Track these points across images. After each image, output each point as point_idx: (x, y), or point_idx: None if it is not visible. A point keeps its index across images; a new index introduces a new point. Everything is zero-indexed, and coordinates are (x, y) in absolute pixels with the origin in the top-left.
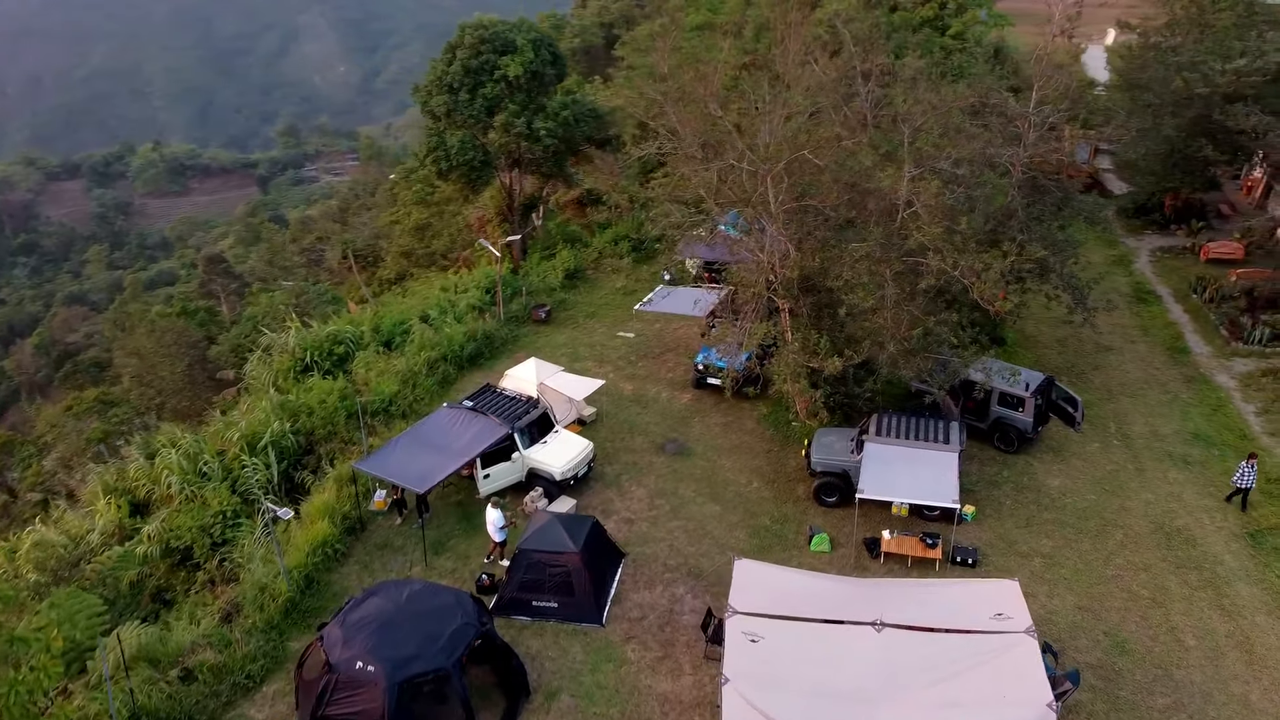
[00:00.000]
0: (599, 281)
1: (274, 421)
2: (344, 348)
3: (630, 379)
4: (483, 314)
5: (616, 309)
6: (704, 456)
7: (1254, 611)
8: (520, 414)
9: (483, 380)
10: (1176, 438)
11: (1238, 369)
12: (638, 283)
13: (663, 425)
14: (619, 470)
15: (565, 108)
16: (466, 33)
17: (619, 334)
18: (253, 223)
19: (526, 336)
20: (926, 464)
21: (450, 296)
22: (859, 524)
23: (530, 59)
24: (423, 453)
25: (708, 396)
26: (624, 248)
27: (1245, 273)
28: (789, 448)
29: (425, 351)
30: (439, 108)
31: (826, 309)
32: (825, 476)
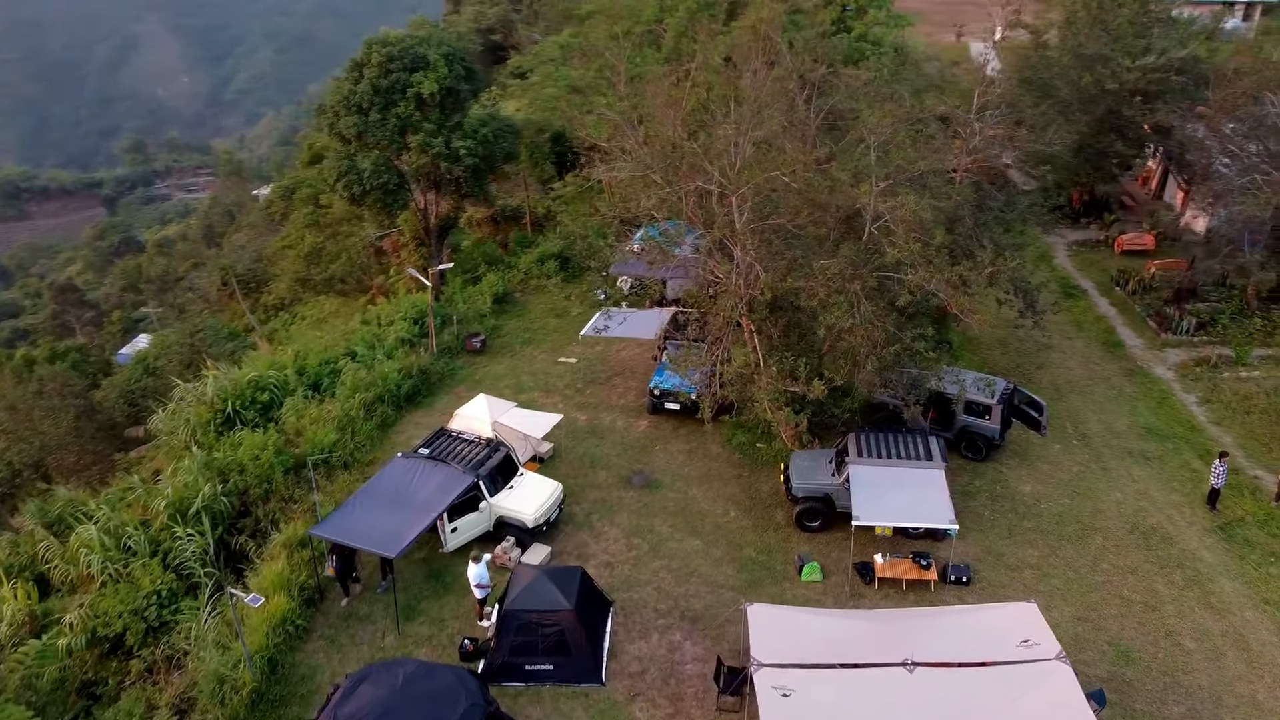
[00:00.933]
0: (529, 305)
1: (204, 484)
2: (268, 394)
3: (581, 408)
4: (414, 348)
5: (554, 333)
6: (674, 487)
7: (1241, 608)
8: (482, 459)
9: (423, 420)
10: (1131, 433)
11: (1171, 360)
12: (567, 300)
13: (624, 456)
14: (588, 509)
15: (484, 124)
16: (374, 50)
17: (560, 360)
18: (102, 246)
19: (463, 369)
20: (915, 484)
21: (375, 330)
22: (842, 546)
23: (444, 75)
24: (385, 511)
25: (665, 422)
26: (550, 267)
27: (1162, 264)
28: (759, 472)
29: (359, 393)
30: (349, 130)
31: (795, 329)
32: (807, 502)
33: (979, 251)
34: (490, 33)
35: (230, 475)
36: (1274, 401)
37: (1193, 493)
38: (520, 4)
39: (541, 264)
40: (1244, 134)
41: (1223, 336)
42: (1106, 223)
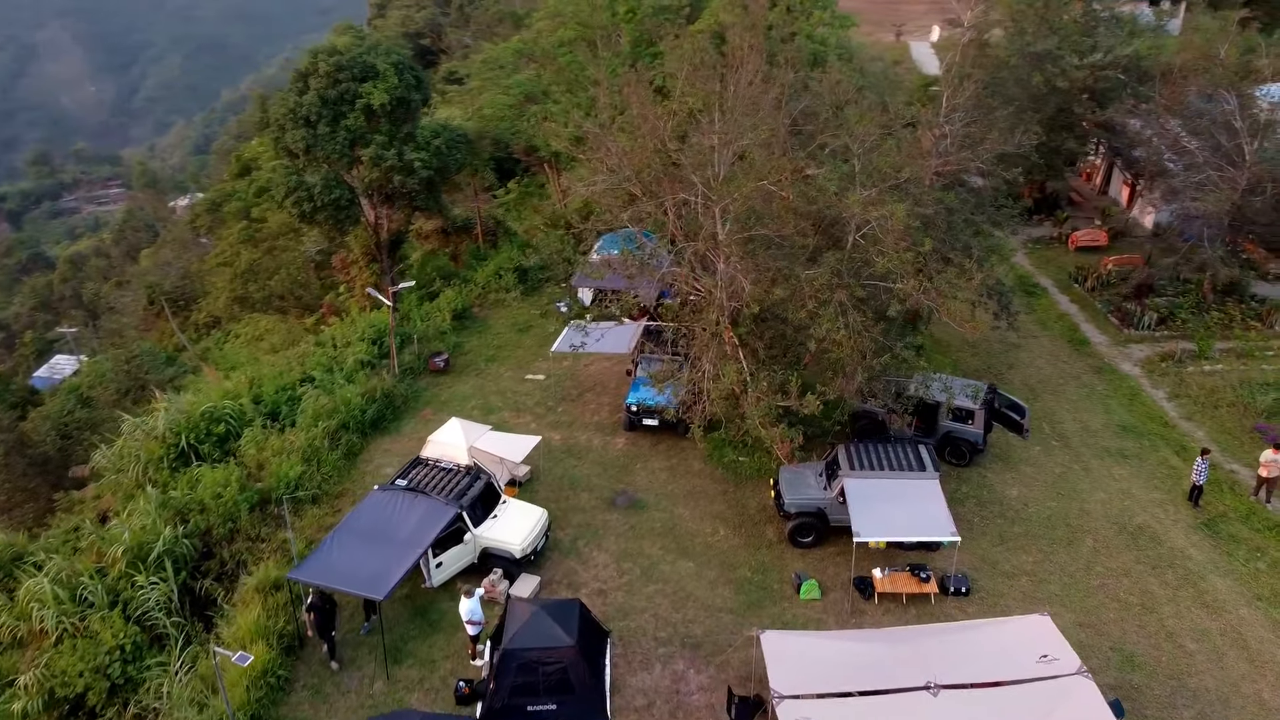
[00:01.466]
0: (490, 320)
1: (163, 526)
2: (224, 426)
3: (555, 427)
4: (375, 370)
5: (518, 349)
6: (659, 507)
7: (1235, 605)
8: (463, 488)
9: (391, 447)
10: (1107, 432)
11: (1136, 355)
12: (542, 316)
13: (605, 476)
14: (573, 534)
15: (436, 135)
16: (320, 60)
17: (528, 377)
18: (8, 264)
19: (428, 391)
20: (911, 496)
21: (331, 353)
22: (837, 561)
23: (394, 85)
24: (365, 549)
25: (643, 439)
26: (509, 280)
27: (1119, 260)
28: (744, 487)
29: (322, 421)
30: (296, 144)
31: (780, 342)
32: (800, 517)
33: (953, 255)
34: (419, 37)
35: (190, 515)
36: (1241, 395)
37: (1173, 490)
38: (448, 7)
39: (499, 277)
40: (1196, 130)
41: (1183, 330)
42: (1060, 220)
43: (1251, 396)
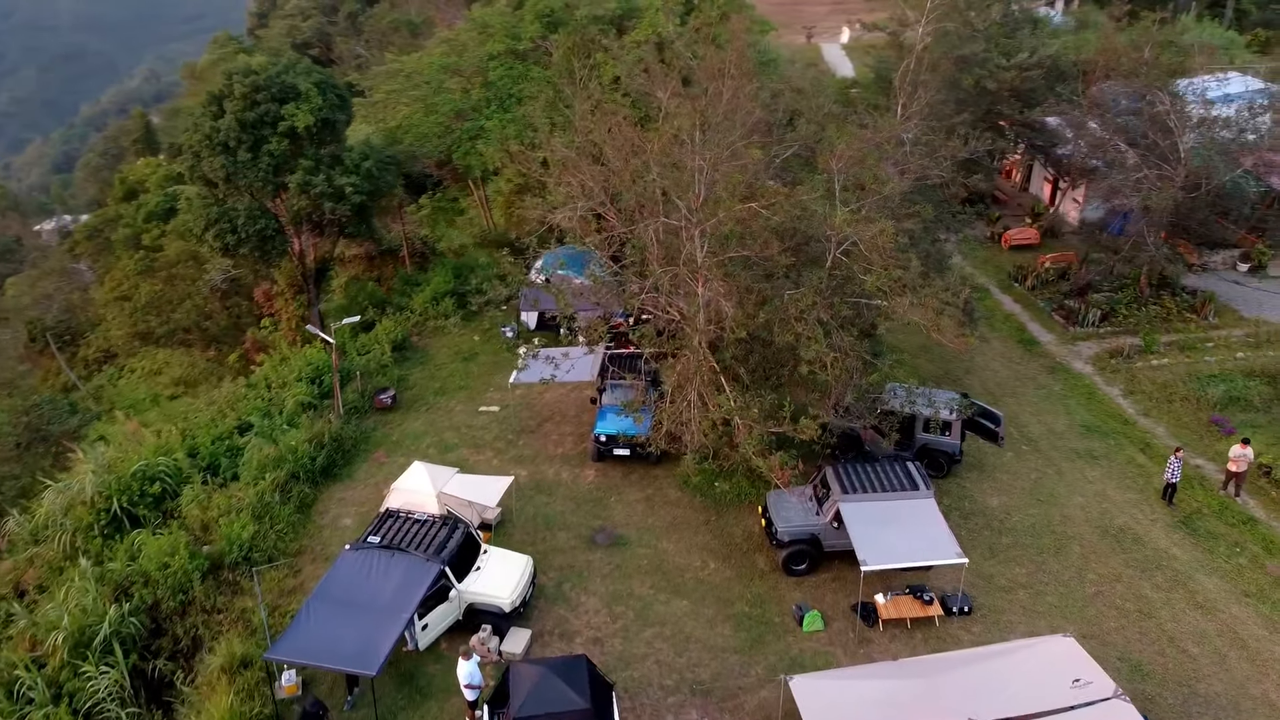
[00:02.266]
0: (432, 350)
1: (107, 605)
2: (160, 485)
3: (518, 462)
4: (318, 412)
5: (466, 379)
6: (642, 542)
7: (1226, 604)
8: (442, 541)
9: (346, 495)
10: (1071, 433)
11: (1085, 353)
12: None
13: (580, 512)
14: (557, 578)
15: (365, 157)
16: (236, 81)
17: (481, 409)
18: None
19: (377, 430)
20: (910, 517)
21: (266, 395)
22: (833, 588)
23: (318, 105)
24: (347, 619)
25: (613, 469)
26: (447, 306)
27: (1055, 257)
28: (725, 514)
29: (269, 472)
30: (215, 172)
31: (764, 366)
32: (794, 545)
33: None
34: (307, 47)
35: (134, 588)
36: (1192, 389)
37: (1145, 488)
38: (336, 16)
39: (436, 303)
40: (1129, 129)
41: (1125, 326)
42: (992, 219)
43: (1202, 389)
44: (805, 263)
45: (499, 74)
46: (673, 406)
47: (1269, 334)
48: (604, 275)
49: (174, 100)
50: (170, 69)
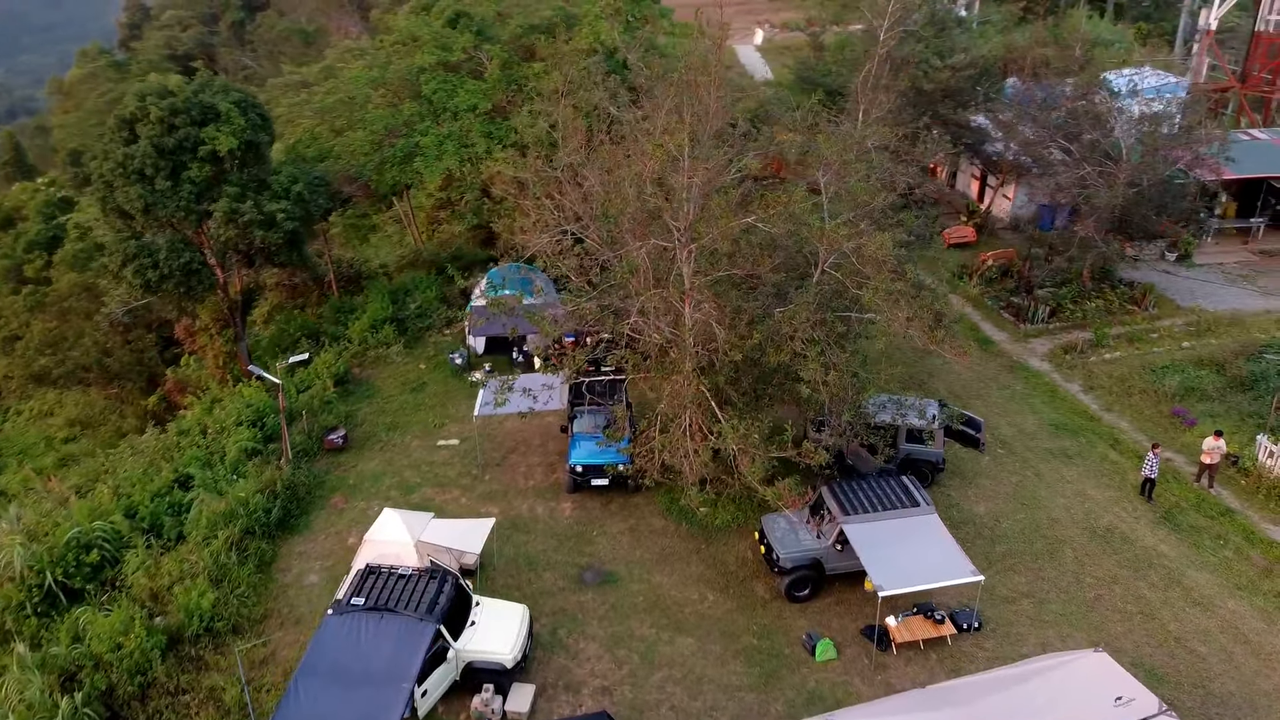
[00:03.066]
0: (376, 382)
1: (57, 698)
2: (98, 553)
3: (489, 499)
4: (265, 459)
5: (418, 411)
6: (634, 578)
7: (1221, 599)
8: (433, 597)
9: (307, 549)
10: (1042, 433)
11: (1039, 350)
12: (412, 369)
13: (563, 550)
14: (551, 624)
15: (294, 180)
16: (150, 103)
17: (440, 444)
18: None
19: (331, 474)
20: (917, 536)
21: (202, 442)
22: (837, 612)
23: (241, 126)
24: (341, 694)
25: (590, 500)
26: (387, 333)
27: (997, 254)
28: (714, 541)
29: (221, 530)
30: (131, 203)
31: (755, 389)
32: (797, 571)
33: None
34: (188, 59)
35: (84, 674)
36: (1149, 381)
37: (1123, 485)
38: (217, 26)
39: (376, 331)
40: (1068, 127)
41: (1073, 321)
42: (931, 218)
43: (1158, 381)
44: (792, 277)
45: (432, 88)
46: (666, 436)
47: (1208, 322)
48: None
49: (40, 117)
50: (24, 83)
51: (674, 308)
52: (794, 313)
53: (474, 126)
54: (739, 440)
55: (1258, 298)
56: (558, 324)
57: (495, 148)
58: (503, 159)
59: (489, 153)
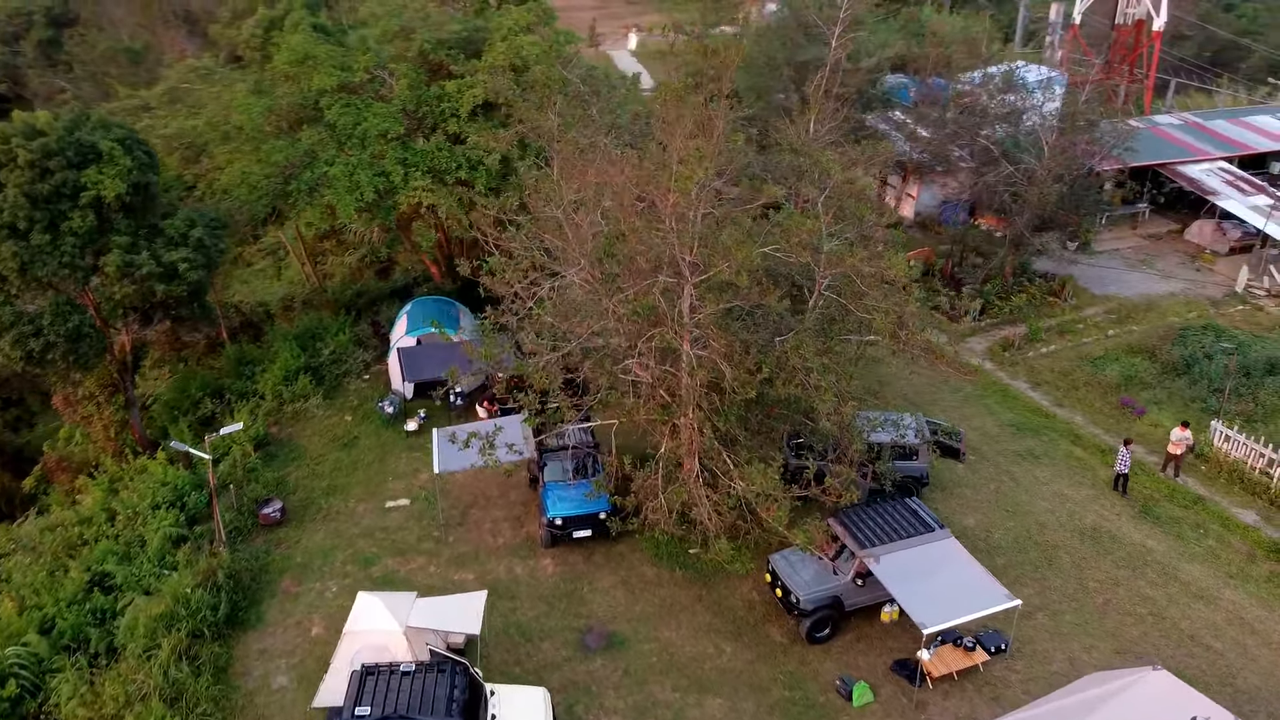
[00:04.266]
0: (300, 441)
1: None
2: (15, 683)
3: (459, 564)
4: (195, 545)
5: (355, 471)
6: (641, 637)
7: (1219, 589)
8: (446, 694)
9: (268, 645)
10: (1004, 435)
11: (978, 348)
12: (337, 422)
13: (555, 614)
14: (566, 700)
15: (193, 223)
16: (17, 146)
17: (390, 505)
18: None
19: (273, 554)
20: (943, 564)
21: (109, 531)
22: (859, 650)
23: (128, 168)
24: None
25: (572, 554)
26: (304, 385)
27: (915, 254)
28: (714, 585)
29: (164, 637)
30: (5, 263)
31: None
32: (819, 611)
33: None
34: None
35: None
36: (1090, 372)
37: (1095, 481)
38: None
39: (289, 383)
40: (977, 126)
41: (1002, 317)
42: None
43: (1098, 372)
44: (794, 303)
45: (336, 113)
46: (678, 486)
47: (1125, 309)
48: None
49: None
50: None
51: (671, 347)
52: (798, 341)
53: (386, 153)
54: (764, 486)
55: (1160, 281)
56: (547, 371)
57: (413, 175)
58: (423, 187)
59: (406, 181)
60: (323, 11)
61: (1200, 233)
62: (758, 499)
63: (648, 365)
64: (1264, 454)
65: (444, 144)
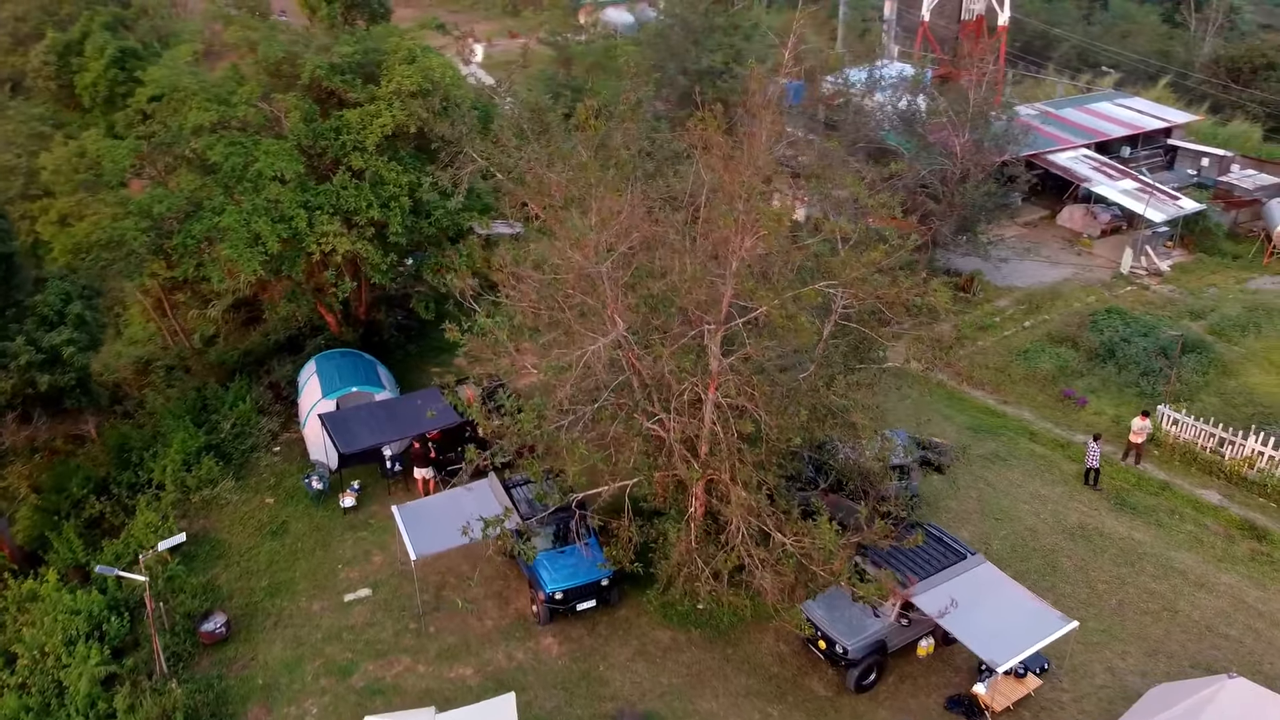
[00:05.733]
0: (217, 535)
1: None
2: None
3: (449, 658)
4: (134, 684)
5: (296, 562)
6: (680, 714)
7: (1214, 576)
8: None
9: None
10: (965, 438)
11: (903, 350)
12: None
13: (578, 700)
14: None
15: (68, 298)
16: None
17: (348, 599)
18: None
19: (230, 679)
20: (989, 592)
21: (11, 681)
22: (905, 692)
23: None
24: None
25: (573, 629)
26: (210, 467)
27: None
28: (737, 643)
29: None
30: None
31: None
32: (868, 658)
33: None
34: None
35: None
36: (1025, 367)
37: (1065, 477)
38: None
39: (190, 469)
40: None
41: (922, 317)
42: None
43: (1031, 365)
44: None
45: (220, 153)
46: (726, 555)
47: (1032, 298)
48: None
49: None
50: None
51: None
52: (827, 377)
53: (285, 196)
54: (831, 544)
55: (1050, 268)
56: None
57: (319, 219)
58: (333, 232)
59: (311, 226)
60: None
61: (1072, 218)
62: (819, 554)
63: (673, 420)
64: (1213, 433)
65: (349, 181)
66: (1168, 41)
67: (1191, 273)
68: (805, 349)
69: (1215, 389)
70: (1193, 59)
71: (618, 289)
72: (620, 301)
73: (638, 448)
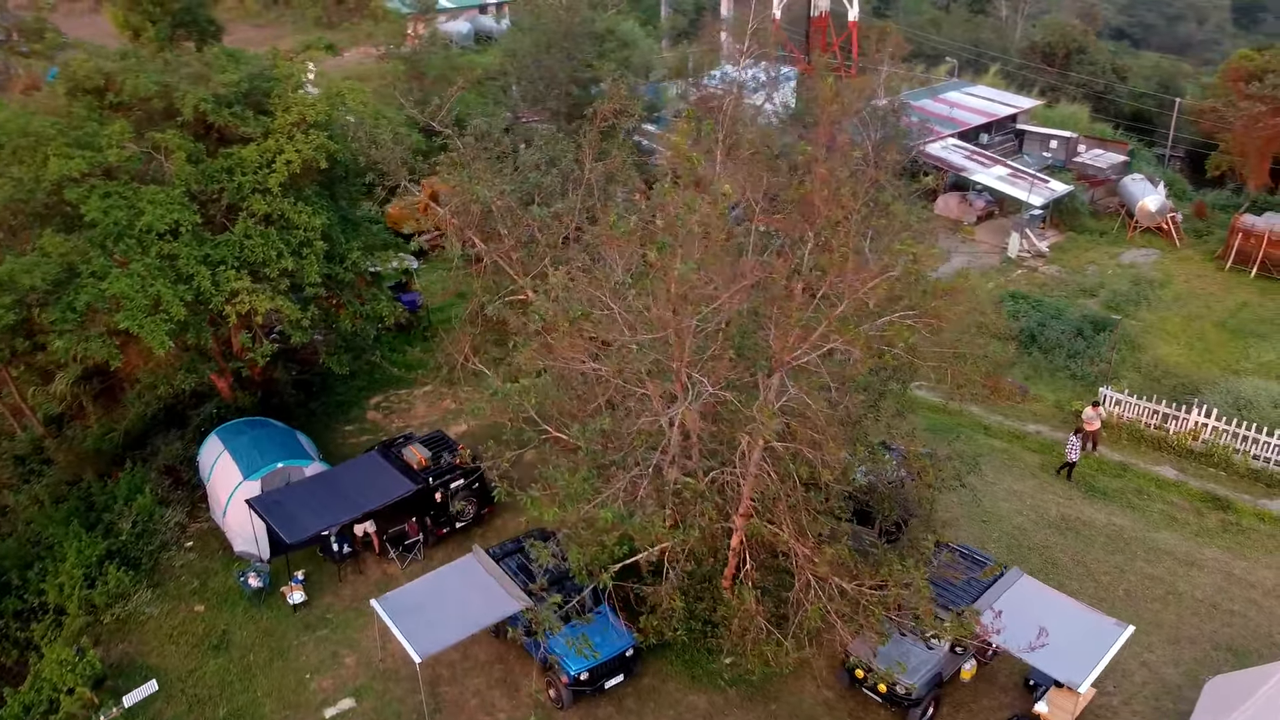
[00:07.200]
0: (147, 659)
1: None
2: None
3: None
4: None
5: (250, 680)
6: None
7: (1202, 552)
8: None
9: None
10: (925, 439)
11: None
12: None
13: None
14: None
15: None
16: None
17: (331, 715)
18: None
19: None
20: (1035, 607)
21: None
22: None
23: None
24: None
25: (598, 708)
26: (120, 579)
27: None
28: (777, 697)
29: None
30: None
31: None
32: (930, 694)
33: None
34: None
35: None
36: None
37: (1034, 470)
38: None
39: (93, 584)
40: None
41: None
42: None
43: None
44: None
45: (96, 207)
46: (804, 612)
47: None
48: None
49: None
50: None
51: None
52: (871, 404)
53: (180, 251)
54: (899, 584)
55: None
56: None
57: (225, 275)
58: (245, 289)
59: (216, 285)
60: None
61: (948, 207)
62: (908, 598)
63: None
64: (1156, 410)
65: (253, 229)
66: (977, 30)
67: (1068, 252)
68: (852, 379)
69: (1131, 364)
70: (1007, 45)
71: (689, 344)
72: (691, 356)
73: (697, 508)
